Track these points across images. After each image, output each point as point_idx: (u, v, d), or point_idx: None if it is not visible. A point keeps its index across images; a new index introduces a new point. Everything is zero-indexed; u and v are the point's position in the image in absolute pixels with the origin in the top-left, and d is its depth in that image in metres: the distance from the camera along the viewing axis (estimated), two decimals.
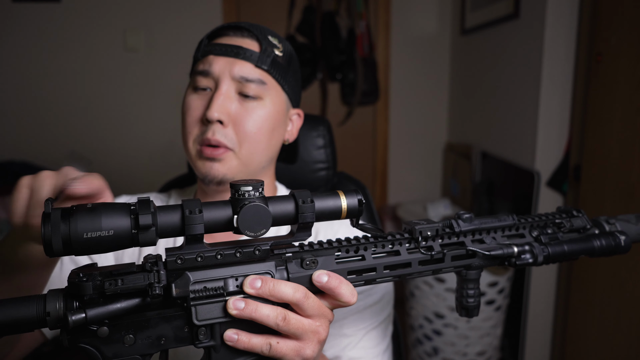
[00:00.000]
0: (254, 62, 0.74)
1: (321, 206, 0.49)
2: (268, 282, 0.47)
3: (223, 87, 0.73)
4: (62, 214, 0.42)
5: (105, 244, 0.42)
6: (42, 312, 0.42)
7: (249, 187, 0.46)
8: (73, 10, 2.59)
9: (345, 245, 0.52)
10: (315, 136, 1.09)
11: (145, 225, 0.43)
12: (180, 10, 2.66)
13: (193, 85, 0.76)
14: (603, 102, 1.66)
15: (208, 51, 0.76)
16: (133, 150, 2.76)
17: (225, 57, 0.74)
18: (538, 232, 0.59)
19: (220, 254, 0.47)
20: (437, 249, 0.54)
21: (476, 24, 2.41)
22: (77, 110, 2.70)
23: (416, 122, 2.95)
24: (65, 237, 0.41)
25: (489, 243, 0.57)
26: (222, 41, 0.76)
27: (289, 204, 0.48)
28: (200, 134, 0.74)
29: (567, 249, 0.58)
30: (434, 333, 1.97)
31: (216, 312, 0.47)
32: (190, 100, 0.76)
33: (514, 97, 2.07)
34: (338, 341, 0.76)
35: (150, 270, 0.45)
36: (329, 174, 1.11)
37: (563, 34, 1.80)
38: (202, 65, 0.75)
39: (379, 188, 3.01)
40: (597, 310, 1.70)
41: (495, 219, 0.58)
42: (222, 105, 0.72)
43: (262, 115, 0.75)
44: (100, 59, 2.66)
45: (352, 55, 2.16)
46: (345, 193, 0.51)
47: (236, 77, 0.74)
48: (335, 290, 0.49)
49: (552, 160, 1.89)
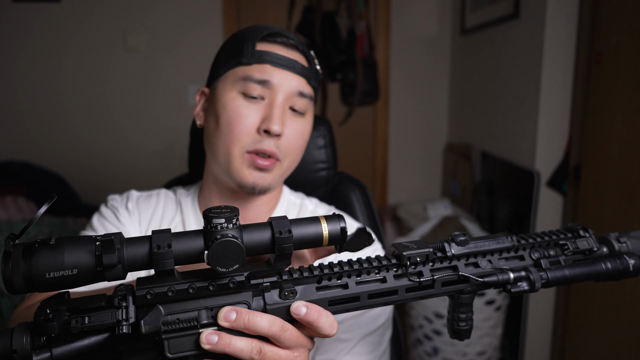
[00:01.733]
0: (307, 78, 0.77)
1: (300, 234, 0.46)
2: (243, 315, 0.45)
3: (280, 99, 0.73)
4: (24, 251, 0.41)
5: (69, 283, 0.41)
6: (8, 349, 0.41)
7: (221, 219, 0.44)
8: (73, 10, 2.59)
9: (328, 273, 0.49)
10: (316, 136, 1.09)
11: (110, 264, 0.41)
12: (180, 10, 2.66)
13: (243, 91, 0.74)
14: (603, 102, 1.66)
15: (264, 59, 0.73)
16: (133, 150, 2.76)
17: (283, 70, 0.74)
18: (539, 255, 0.55)
19: (192, 287, 0.45)
20: (427, 274, 0.51)
21: (476, 24, 2.41)
22: (77, 110, 2.70)
23: (416, 122, 2.95)
24: (26, 276, 0.40)
25: (484, 267, 0.53)
26: (274, 50, 0.75)
27: (265, 233, 0.46)
28: (253, 143, 0.73)
29: (569, 274, 0.54)
30: (434, 333, 1.97)
31: (189, 345, 0.45)
32: (241, 107, 0.73)
33: (514, 97, 2.07)
34: (333, 345, 0.76)
35: (119, 306, 0.43)
36: (330, 174, 1.11)
37: (563, 34, 1.80)
38: (259, 74, 0.73)
39: (379, 188, 3.01)
40: (597, 310, 1.70)
41: (493, 241, 0.54)
42: (282, 119, 0.73)
43: (307, 130, 0.79)
44: (100, 59, 2.66)
45: (352, 55, 2.16)
46: (327, 219, 0.48)
47: (293, 91, 0.74)
48: (314, 323, 0.47)
49: (552, 160, 1.89)
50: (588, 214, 1.75)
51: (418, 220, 2.40)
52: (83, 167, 2.73)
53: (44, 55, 2.62)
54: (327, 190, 1.12)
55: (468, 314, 0.54)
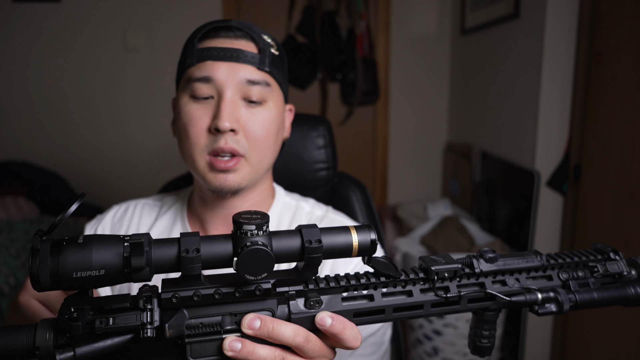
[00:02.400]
0: (256, 64, 0.72)
1: (330, 244, 0.45)
2: (267, 323, 0.44)
3: (228, 94, 0.70)
4: (52, 248, 0.40)
5: (95, 282, 0.41)
6: (31, 345, 0.41)
7: (251, 226, 0.43)
8: (73, 10, 2.59)
9: (354, 284, 0.48)
10: (316, 136, 1.09)
11: (138, 267, 0.41)
12: (180, 10, 2.66)
13: (191, 94, 0.72)
14: (603, 102, 1.66)
15: (204, 56, 0.71)
16: (133, 150, 2.76)
17: (226, 62, 0.70)
18: (567, 276, 0.54)
19: (218, 293, 0.44)
20: (454, 290, 0.50)
21: (476, 24, 2.41)
22: (77, 110, 2.70)
23: (416, 122, 2.95)
24: (53, 274, 0.40)
25: (512, 285, 0.52)
26: (217, 44, 0.72)
27: (294, 241, 0.45)
28: (210, 144, 0.71)
29: (598, 298, 0.53)
30: (434, 333, 1.97)
31: (211, 350, 0.44)
32: (191, 110, 0.72)
33: (514, 97, 2.07)
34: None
35: (144, 308, 0.43)
36: (330, 174, 1.11)
37: (563, 34, 1.80)
38: (199, 72, 0.71)
39: (379, 188, 3.01)
40: (597, 310, 1.70)
41: (522, 259, 0.53)
42: (232, 114, 0.70)
43: (269, 119, 0.74)
44: (100, 59, 2.66)
45: (352, 55, 2.16)
46: (357, 229, 0.47)
47: (241, 81, 0.71)
48: (339, 335, 0.46)
49: (552, 160, 1.89)
50: (588, 214, 1.75)
51: (418, 220, 2.40)
52: (83, 167, 2.73)
53: (44, 55, 2.62)
54: (327, 190, 1.12)
55: (491, 331, 0.53)
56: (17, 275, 2.00)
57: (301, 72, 2.19)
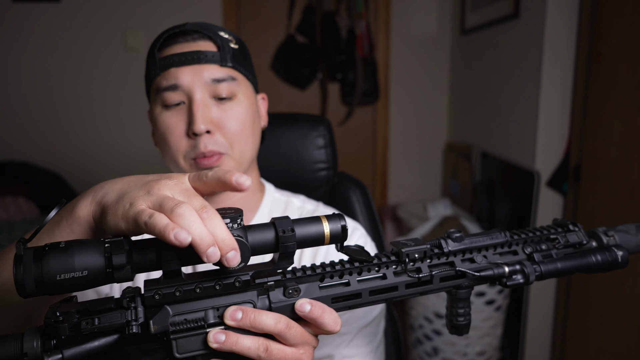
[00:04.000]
0: (218, 62, 0.73)
1: (303, 233, 0.47)
2: (249, 314, 0.46)
3: (197, 96, 0.71)
4: (35, 255, 0.41)
5: (79, 284, 0.42)
6: (19, 352, 0.42)
7: (226, 219, 0.45)
8: (73, 10, 2.59)
9: (330, 271, 0.51)
10: (316, 136, 1.09)
11: (119, 265, 0.42)
12: (180, 11, 2.66)
13: (162, 104, 0.73)
14: (603, 102, 1.66)
15: (166, 64, 0.72)
16: (133, 150, 2.76)
17: (189, 66, 0.71)
18: (531, 249, 0.57)
19: (199, 287, 0.46)
20: (425, 270, 0.53)
21: (476, 24, 2.41)
22: (77, 110, 2.70)
23: (416, 122, 2.95)
24: (37, 279, 0.41)
25: (480, 262, 0.55)
26: (176, 50, 0.73)
27: (269, 233, 0.47)
28: (191, 149, 0.73)
29: (561, 267, 0.57)
30: (434, 333, 1.97)
31: (197, 344, 0.46)
32: (165, 118, 0.73)
33: (514, 97, 2.07)
34: (331, 339, 0.77)
35: (128, 307, 0.44)
36: (330, 174, 1.11)
37: (563, 34, 1.80)
38: (165, 81, 0.72)
39: (379, 188, 3.01)
40: (597, 311, 1.70)
41: (487, 237, 0.56)
42: (204, 115, 0.71)
43: (242, 112, 0.75)
44: (100, 59, 2.66)
45: (352, 55, 2.16)
46: (328, 218, 0.49)
47: (207, 81, 0.72)
48: (318, 319, 0.48)
49: (552, 160, 1.89)
50: (588, 214, 1.75)
51: (418, 220, 2.40)
52: (83, 167, 2.73)
53: (44, 55, 2.62)
54: (327, 190, 1.12)
55: (466, 309, 0.57)
56: None
57: (301, 72, 2.19)
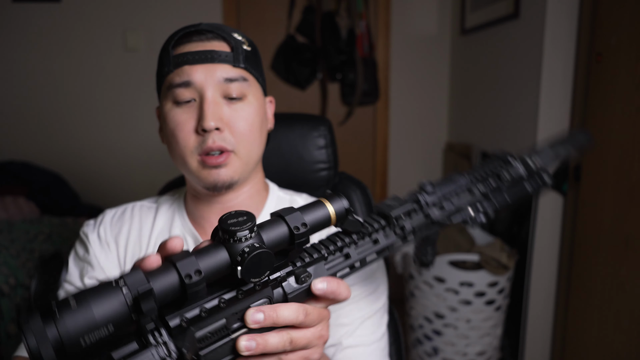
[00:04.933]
0: (231, 62, 0.74)
1: (313, 222, 0.48)
2: (269, 313, 0.47)
3: (209, 94, 0.72)
4: (44, 319, 0.35)
5: (107, 342, 0.37)
6: None
7: (244, 231, 0.43)
8: (73, 10, 2.59)
9: (333, 249, 0.53)
10: (316, 136, 1.09)
11: (149, 309, 0.38)
12: (180, 11, 2.66)
13: (173, 100, 0.74)
14: (603, 102, 1.66)
15: (180, 62, 0.73)
16: (133, 150, 2.76)
17: (202, 64, 0.73)
18: (485, 188, 0.65)
19: (222, 301, 0.44)
20: (409, 227, 0.58)
21: (476, 24, 2.41)
22: (77, 110, 2.70)
23: (416, 122, 2.95)
24: (57, 346, 0.34)
25: (448, 208, 0.62)
26: (191, 48, 0.74)
27: (282, 229, 0.46)
28: (199, 145, 0.74)
29: (510, 200, 0.65)
30: (434, 333, 1.97)
31: (224, 352, 0.45)
32: (176, 115, 0.74)
33: (514, 97, 2.07)
34: (335, 330, 0.78)
35: (157, 343, 0.40)
36: (330, 174, 1.11)
37: (563, 34, 1.80)
38: (178, 78, 0.73)
39: (379, 188, 3.01)
40: (597, 310, 1.70)
41: (452, 183, 0.63)
42: (215, 113, 0.72)
43: (251, 113, 0.76)
44: (100, 59, 2.66)
45: (352, 55, 2.16)
46: (329, 199, 0.50)
47: (219, 80, 0.73)
48: (336, 291, 0.51)
49: None
50: (588, 214, 1.75)
51: None
52: (83, 167, 2.73)
53: (44, 55, 2.62)
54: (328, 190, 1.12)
55: (434, 247, 0.64)
56: (17, 275, 2.00)
57: (301, 72, 2.19)
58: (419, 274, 1.96)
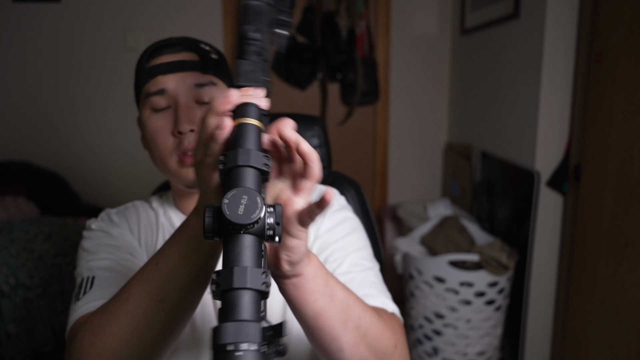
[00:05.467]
0: (200, 69, 0.80)
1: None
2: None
3: (182, 99, 0.78)
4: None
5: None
6: None
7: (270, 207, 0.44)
8: (73, 10, 2.59)
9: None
10: (311, 136, 1.09)
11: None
12: (180, 11, 2.66)
13: (151, 108, 0.80)
14: (603, 102, 1.66)
15: (154, 73, 0.79)
16: (133, 150, 2.76)
17: (174, 73, 0.79)
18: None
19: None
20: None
21: (476, 24, 2.41)
22: (77, 110, 2.70)
23: (416, 122, 2.95)
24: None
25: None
26: (163, 60, 0.80)
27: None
28: (176, 147, 0.78)
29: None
30: (434, 333, 1.97)
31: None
32: (154, 121, 0.80)
33: (514, 97, 2.07)
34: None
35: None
36: (324, 174, 1.11)
37: (563, 34, 1.80)
38: (154, 87, 0.79)
39: (379, 188, 3.01)
40: (597, 310, 1.70)
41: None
42: (189, 116, 0.77)
43: None
44: (100, 59, 2.66)
45: (352, 55, 2.17)
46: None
47: (190, 86, 0.78)
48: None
49: (552, 160, 1.89)
50: (588, 214, 1.75)
51: (418, 220, 2.40)
52: (83, 167, 2.73)
53: (44, 55, 2.63)
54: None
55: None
56: (17, 275, 2.00)
57: (301, 72, 2.19)
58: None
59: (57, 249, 2.22)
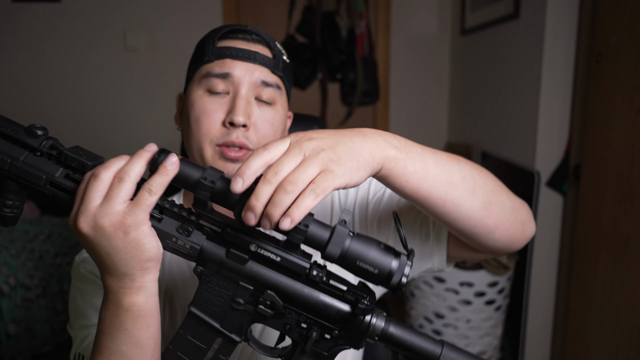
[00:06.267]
0: (271, 67, 0.76)
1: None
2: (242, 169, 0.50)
3: (244, 91, 0.74)
4: None
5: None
6: None
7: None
8: (73, 10, 2.60)
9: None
10: None
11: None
12: (181, 10, 2.66)
13: (207, 88, 0.76)
14: (603, 102, 1.66)
15: (223, 54, 0.75)
16: (133, 150, 2.73)
17: (244, 62, 0.75)
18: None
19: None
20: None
21: (476, 24, 2.41)
22: (77, 110, 2.71)
23: (416, 122, 2.95)
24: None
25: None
26: (235, 45, 0.76)
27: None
28: (221, 137, 0.74)
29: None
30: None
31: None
32: (206, 102, 0.75)
33: (514, 97, 2.07)
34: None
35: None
36: None
37: (563, 34, 1.80)
38: (219, 69, 0.75)
39: None
40: (597, 310, 1.70)
41: None
42: (246, 110, 0.74)
43: (277, 120, 0.78)
44: (100, 59, 2.66)
45: (352, 55, 2.17)
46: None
47: (256, 81, 0.75)
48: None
49: (552, 160, 1.89)
50: (588, 214, 1.75)
51: None
52: None
53: (44, 55, 2.63)
54: None
55: (16, 202, 0.56)
56: (17, 275, 2.00)
57: (301, 72, 2.19)
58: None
59: (57, 249, 2.22)
